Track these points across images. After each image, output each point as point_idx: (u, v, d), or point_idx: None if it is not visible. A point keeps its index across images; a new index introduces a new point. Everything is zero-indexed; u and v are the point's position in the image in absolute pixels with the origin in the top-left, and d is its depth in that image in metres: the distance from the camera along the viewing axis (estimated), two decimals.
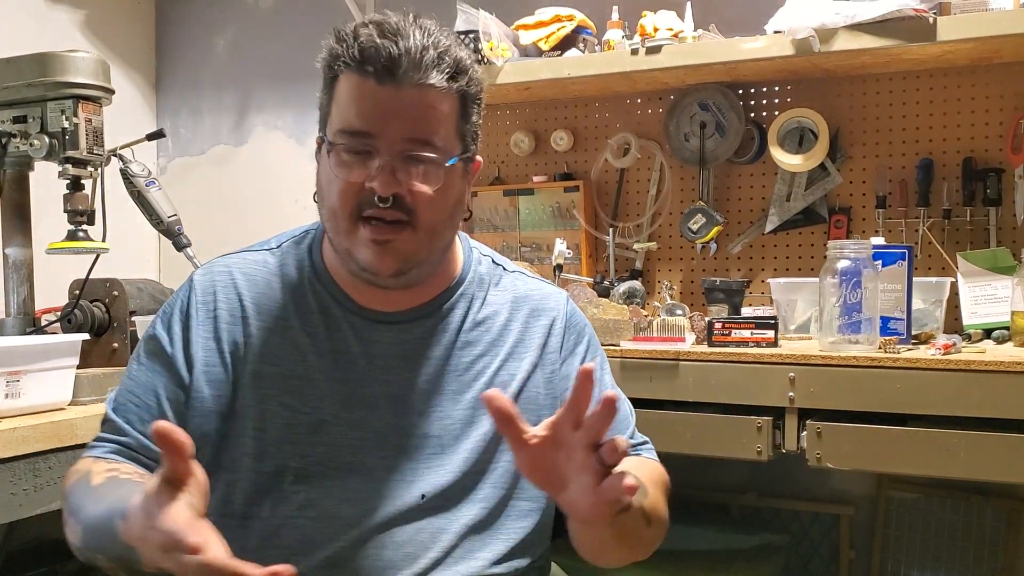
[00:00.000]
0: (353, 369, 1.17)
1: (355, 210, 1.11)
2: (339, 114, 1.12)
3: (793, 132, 2.37)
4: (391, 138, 1.10)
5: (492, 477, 1.19)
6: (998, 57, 2.18)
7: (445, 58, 1.10)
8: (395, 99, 1.09)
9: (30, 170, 1.86)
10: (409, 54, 1.08)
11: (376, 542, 1.13)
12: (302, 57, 3.10)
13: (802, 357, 1.82)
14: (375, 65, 1.08)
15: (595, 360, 1.28)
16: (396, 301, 1.20)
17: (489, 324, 1.24)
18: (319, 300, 1.20)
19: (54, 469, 1.49)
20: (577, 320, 1.31)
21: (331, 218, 1.14)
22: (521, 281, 1.30)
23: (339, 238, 1.14)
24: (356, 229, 1.12)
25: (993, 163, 2.23)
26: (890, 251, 1.94)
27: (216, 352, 1.18)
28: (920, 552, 2.34)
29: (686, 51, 2.24)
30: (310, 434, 1.15)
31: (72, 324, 1.80)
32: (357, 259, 1.13)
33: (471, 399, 1.19)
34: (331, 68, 1.14)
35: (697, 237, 2.44)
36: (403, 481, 1.15)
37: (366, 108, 1.10)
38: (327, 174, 1.14)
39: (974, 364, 1.68)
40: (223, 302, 1.20)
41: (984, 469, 1.68)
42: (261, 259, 1.24)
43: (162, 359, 1.19)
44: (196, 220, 2.45)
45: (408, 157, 1.10)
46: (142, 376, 1.19)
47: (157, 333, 1.21)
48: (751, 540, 2.33)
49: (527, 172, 2.73)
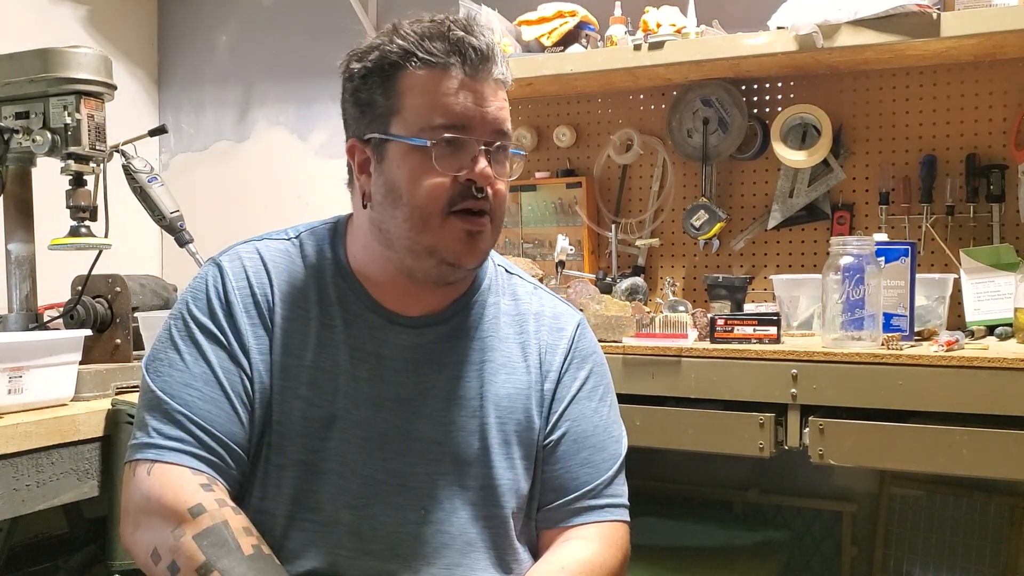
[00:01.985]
0: (364, 366, 1.16)
1: (447, 204, 1.11)
2: (426, 110, 1.10)
3: (796, 128, 2.37)
4: (483, 129, 1.11)
5: (496, 494, 1.18)
6: (1002, 53, 2.17)
7: (502, 55, 1.15)
8: (483, 92, 1.11)
9: (32, 166, 1.86)
10: (491, 48, 1.11)
11: (377, 554, 1.12)
12: (304, 52, 3.12)
13: (805, 354, 1.82)
14: (463, 58, 1.10)
15: (595, 391, 1.27)
16: (415, 305, 1.19)
17: (499, 334, 1.23)
18: (339, 293, 1.19)
19: (56, 465, 1.49)
20: (585, 346, 1.29)
21: (414, 217, 1.11)
22: (536, 296, 1.29)
23: (423, 236, 1.12)
24: (447, 224, 1.11)
25: (996, 159, 2.23)
26: (893, 247, 1.94)
27: (264, 339, 1.15)
28: (923, 549, 2.34)
29: (689, 47, 2.23)
30: (322, 429, 1.14)
31: (74, 320, 1.80)
32: (443, 253, 1.12)
33: (477, 408, 1.18)
34: (394, 65, 1.11)
35: (700, 233, 2.44)
36: (403, 488, 1.14)
37: (461, 101, 1.10)
38: (411, 172, 1.11)
39: (977, 361, 1.68)
40: (257, 287, 1.17)
41: (987, 466, 1.67)
42: (283, 247, 1.22)
43: (214, 347, 1.14)
44: (198, 216, 2.45)
45: (499, 148, 1.13)
46: (195, 366, 1.13)
47: (198, 320, 1.15)
48: (753, 537, 2.33)
49: (529, 168, 2.73)
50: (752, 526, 2.42)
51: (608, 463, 1.24)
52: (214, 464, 1.10)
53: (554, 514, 1.22)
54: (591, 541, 1.20)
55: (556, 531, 1.22)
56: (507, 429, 1.19)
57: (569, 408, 1.23)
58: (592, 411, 1.25)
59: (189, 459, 1.09)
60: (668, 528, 2.30)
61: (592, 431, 1.24)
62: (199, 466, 1.09)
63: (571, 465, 1.22)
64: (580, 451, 1.23)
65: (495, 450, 1.18)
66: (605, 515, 1.23)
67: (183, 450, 1.10)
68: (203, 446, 1.10)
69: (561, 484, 1.22)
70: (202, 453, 1.10)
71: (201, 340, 1.14)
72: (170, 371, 1.13)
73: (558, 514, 1.22)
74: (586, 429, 1.24)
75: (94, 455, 1.56)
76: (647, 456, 1.33)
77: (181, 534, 1.04)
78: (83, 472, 1.55)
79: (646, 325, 2.04)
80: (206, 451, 1.10)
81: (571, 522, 1.22)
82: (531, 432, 1.21)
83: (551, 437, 1.22)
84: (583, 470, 1.22)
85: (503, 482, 1.18)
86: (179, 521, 1.04)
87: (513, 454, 1.20)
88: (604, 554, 1.19)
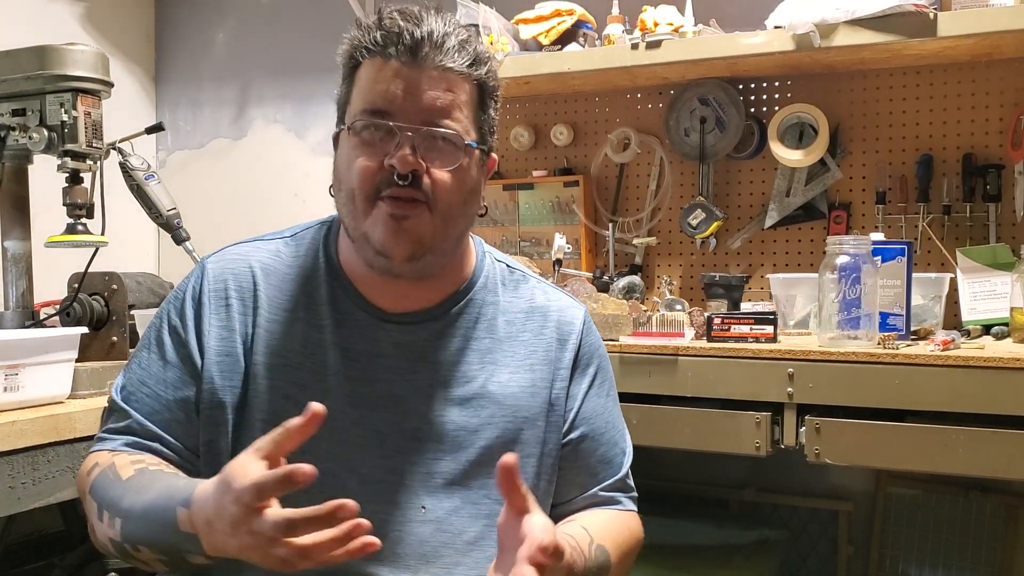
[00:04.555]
0: (356, 366, 1.16)
1: (373, 191, 1.10)
2: (360, 97, 1.12)
3: (793, 127, 2.37)
4: (411, 116, 1.10)
5: (498, 493, 1.17)
6: (998, 53, 2.17)
7: (466, 46, 1.12)
8: (417, 79, 1.10)
9: (29, 163, 1.85)
10: (431, 37, 1.09)
11: (376, 553, 1.11)
12: (302, 50, 3.11)
13: (801, 353, 1.82)
14: (398, 46, 1.09)
15: (603, 386, 1.28)
16: (405, 301, 1.19)
17: (499, 331, 1.22)
18: (330, 293, 1.19)
19: (52, 463, 1.49)
20: (592, 340, 1.29)
21: (348, 201, 1.13)
22: (540, 291, 1.29)
23: (356, 221, 1.13)
24: (373, 209, 1.11)
25: (993, 159, 2.23)
26: (890, 247, 1.94)
27: (230, 342, 1.16)
28: (919, 548, 2.35)
29: (686, 46, 2.23)
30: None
31: (71, 317, 1.80)
32: (372, 240, 1.11)
33: (475, 406, 1.18)
34: (352, 58, 1.14)
35: (697, 232, 2.44)
36: (402, 486, 1.14)
37: (388, 88, 1.10)
38: (345, 158, 1.13)
39: (973, 360, 1.68)
40: (235, 291, 1.18)
41: (983, 465, 1.68)
42: (274, 248, 1.23)
43: (174, 347, 1.17)
44: (195, 213, 2.45)
45: (427, 135, 1.10)
46: (153, 366, 1.17)
47: (169, 320, 1.19)
48: (750, 536, 2.33)
49: (527, 166, 2.73)
50: (748, 525, 2.42)
51: (620, 457, 1.28)
52: (148, 448, 1.14)
53: (574, 507, 1.25)
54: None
55: None
56: (511, 427, 1.19)
57: (583, 407, 1.25)
58: (603, 407, 1.27)
59: (121, 446, 1.14)
60: (664, 527, 2.30)
61: (605, 427, 1.27)
62: (127, 450, 1.14)
63: (591, 463, 1.25)
64: (597, 448, 1.25)
65: (497, 448, 1.17)
66: (623, 506, 1.28)
67: (119, 440, 1.15)
68: (138, 435, 1.15)
69: (582, 481, 1.25)
70: (137, 440, 1.14)
71: (166, 340, 1.18)
72: (136, 369, 1.19)
73: (579, 506, 1.25)
74: (600, 426, 1.26)
75: None
76: (643, 455, 1.33)
77: (84, 492, 1.12)
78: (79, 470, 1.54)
79: (643, 324, 2.04)
80: (143, 438, 1.14)
81: None
82: (537, 431, 1.20)
83: (570, 437, 1.23)
84: (601, 466, 1.26)
85: None
86: (82, 488, 1.13)
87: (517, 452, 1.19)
88: (633, 526, 1.25)
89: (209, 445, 1.15)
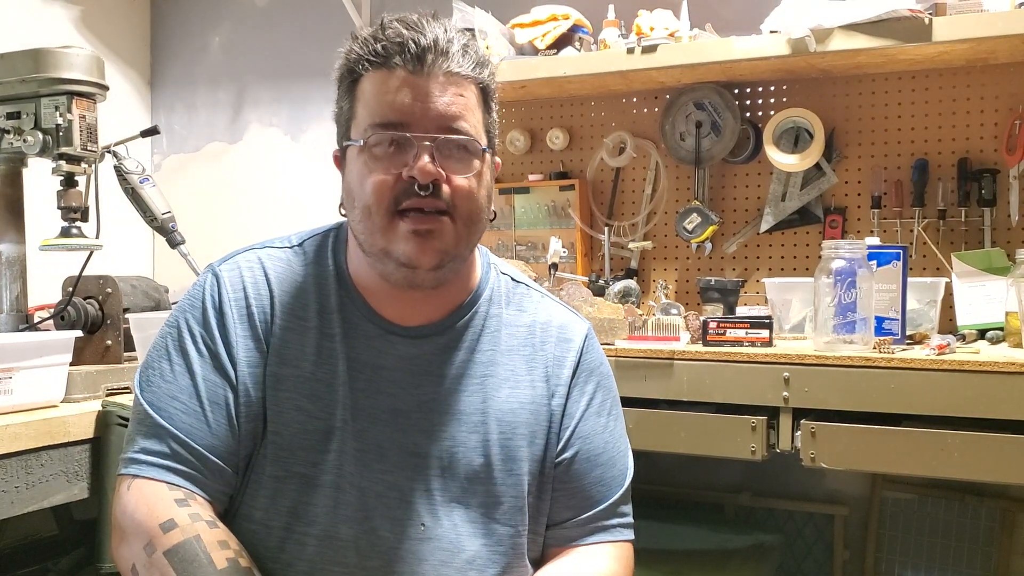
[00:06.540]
0: (361, 377, 1.14)
1: (392, 204, 1.08)
2: (368, 111, 1.10)
3: (789, 132, 2.37)
4: (426, 125, 1.08)
5: (498, 512, 1.16)
6: (993, 58, 2.18)
7: (469, 50, 1.11)
8: (426, 87, 1.08)
9: (24, 166, 1.85)
10: (436, 43, 1.08)
11: (375, 570, 1.10)
12: (297, 54, 3.11)
13: (797, 357, 1.82)
14: (403, 56, 1.08)
15: (603, 406, 1.25)
16: (413, 314, 1.17)
17: (501, 346, 1.21)
18: (340, 302, 1.17)
19: (46, 467, 1.49)
20: (592, 358, 1.26)
21: (365, 218, 1.10)
22: (544, 306, 1.27)
23: (374, 238, 1.10)
24: (394, 224, 1.09)
25: (988, 164, 2.24)
26: (885, 251, 1.94)
27: (256, 351, 1.14)
28: (914, 552, 2.35)
29: (682, 50, 2.23)
30: (321, 441, 1.12)
31: (65, 321, 1.79)
32: (396, 255, 1.09)
33: (479, 423, 1.16)
34: (351, 72, 1.12)
35: (692, 236, 2.44)
36: (402, 502, 1.12)
37: (399, 99, 1.08)
38: (358, 174, 1.10)
39: (968, 364, 1.68)
40: (254, 298, 1.15)
41: (978, 469, 1.68)
42: (285, 256, 1.20)
43: (203, 358, 1.13)
44: (190, 217, 2.44)
45: (445, 142, 1.09)
46: (181, 378, 1.12)
47: (190, 329, 1.14)
48: (745, 540, 2.33)
49: (523, 170, 2.73)
50: (744, 529, 2.42)
51: (618, 479, 1.24)
52: (194, 478, 1.09)
53: (566, 533, 1.21)
54: (604, 559, 1.20)
55: (567, 549, 1.21)
56: (511, 445, 1.17)
57: (580, 426, 1.22)
58: (602, 427, 1.24)
59: (167, 474, 1.09)
60: (660, 531, 2.30)
61: (603, 448, 1.23)
62: (177, 480, 1.09)
63: (585, 484, 1.21)
64: (593, 469, 1.22)
65: (498, 466, 1.16)
66: (616, 535, 1.23)
67: (162, 465, 1.09)
68: (182, 461, 1.09)
69: (575, 503, 1.21)
70: (181, 468, 1.09)
71: (191, 351, 1.13)
72: (159, 382, 1.13)
73: (571, 533, 1.21)
74: (597, 446, 1.22)
75: (84, 457, 1.55)
76: (639, 459, 1.32)
77: (152, 550, 1.03)
78: (73, 474, 1.54)
79: (639, 328, 2.04)
80: (186, 465, 1.09)
81: (583, 541, 1.21)
82: (536, 448, 1.19)
83: (563, 456, 1.21)
84: (596, 488, 1.21)
85: (506, 499, 1.16)
86: (151, 537, 1.04)
87: (518, 470, 1.17)
88: (618, 573, 1.20)
89: (248, 459, 1.13)
